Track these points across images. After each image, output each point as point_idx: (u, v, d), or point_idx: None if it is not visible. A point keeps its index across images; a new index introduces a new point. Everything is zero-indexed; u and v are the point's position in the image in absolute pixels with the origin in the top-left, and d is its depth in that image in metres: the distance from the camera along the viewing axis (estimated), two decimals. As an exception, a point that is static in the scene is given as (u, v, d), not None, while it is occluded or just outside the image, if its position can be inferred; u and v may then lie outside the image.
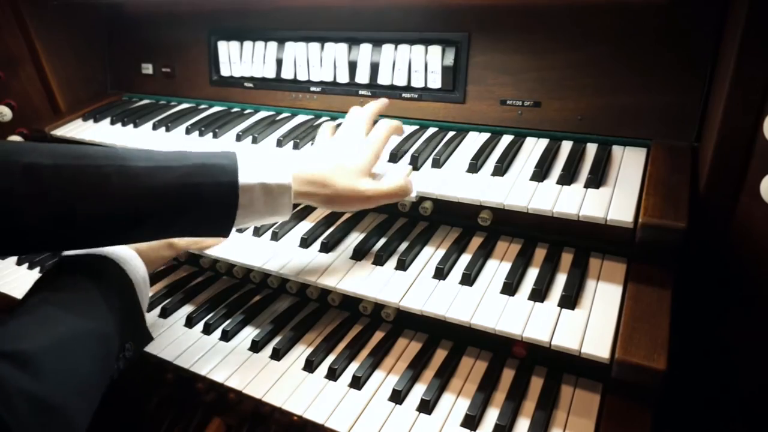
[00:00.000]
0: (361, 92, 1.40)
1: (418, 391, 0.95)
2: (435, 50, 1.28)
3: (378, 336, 1.09)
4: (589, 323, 0.89)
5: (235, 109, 1.60)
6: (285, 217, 0.93)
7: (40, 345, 0.70)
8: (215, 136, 1.44)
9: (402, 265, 1.06)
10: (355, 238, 1.16)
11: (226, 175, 0.85)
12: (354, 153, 1.02)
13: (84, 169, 0.80)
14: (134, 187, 0.81)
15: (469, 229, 1.15)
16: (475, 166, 1.13)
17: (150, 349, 1.07)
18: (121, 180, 0.80)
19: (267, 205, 0.88)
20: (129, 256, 0.96)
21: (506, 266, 1.03)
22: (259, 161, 0.89)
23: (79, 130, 1.59)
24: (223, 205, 0.85)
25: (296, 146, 1.32)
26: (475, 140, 1.25)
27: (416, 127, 1.35)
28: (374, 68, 1.36)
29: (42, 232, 0.80)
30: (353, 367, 1.01)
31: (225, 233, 0.89)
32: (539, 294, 0.95)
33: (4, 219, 0.76)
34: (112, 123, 1.60)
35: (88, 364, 0.76)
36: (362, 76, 1.38)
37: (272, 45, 1.50)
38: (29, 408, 0.64)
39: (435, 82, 1.30)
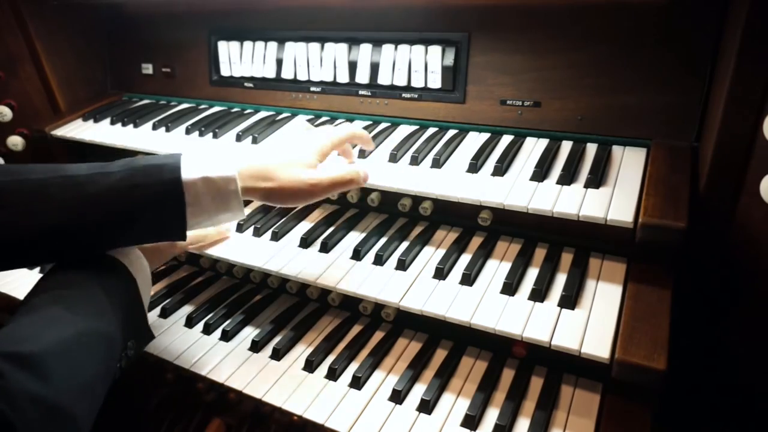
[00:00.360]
0: (361, 92, 1.40)
1: (418, 391, 0.95)
2: (435, 50, 1.28)
3: (378, 336, 1.09)
4: (589, 323, 0.89)
5: (235, 109, 1.60)
6: (239, 213, 0.91)
7: (44, 346, 0.70)
8: (215, 136, 1.44)
9: (402, 265, 1.06)
10: (355, 238, 1.16)
11: (169, 173, 0.84)
12: (300, 148, 0.99)
13: (21, 184, 0.80)
14: (76, 195, 0.81)
15: (469, 229, 1.15)
16: (475, 166, 1.13)
17: (150, 349, 1.07)
18: (61, 190, 0.81)
19: (215, 201, 0.87)
20: (133, 253, 0.95)
21: (506, 266, 1.03)
22: (203, 158, 0.88)
23: (79, 130, 1.59)
24: (170, 204, 0.85)
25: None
26: (475, 140, 1.25)
27: (416, 127, 1.35)
28: (374, 68, 1.36)
29: None
30: (353, 367, 1.01)
31: (180, 235, 0.88)
32: (539, 294, 0.95)
33: None
34: (112, 123, 1.59)
35: (92, 364, 0.76)
36: (362, 76, 1.38)
37: (272, 45, 1.50)
38: (35, 409, 0.64)
39: (435, 82, 1.30)
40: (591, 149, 1.15)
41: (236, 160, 0.91)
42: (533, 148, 1.19)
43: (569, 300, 0.93)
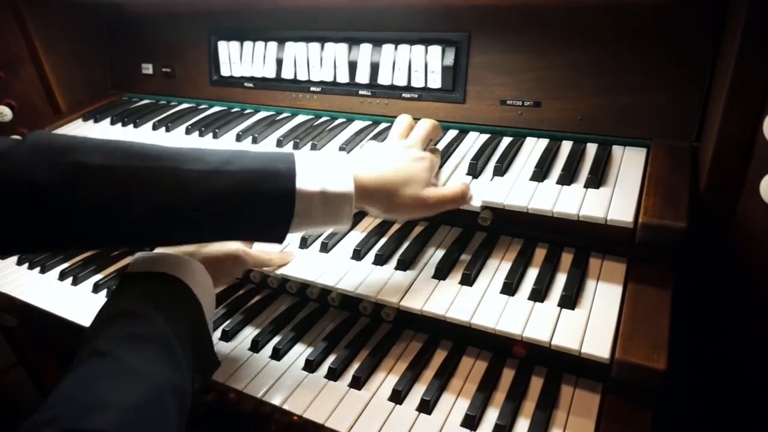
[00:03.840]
0: (361, 92, 1.40)
1: (418, 391, 0.95)
2: (435, 50, 1.28)
3: (378, 336, 1.09)
4: (589, 323, 0.89)
5: (235, 109, 1.60)
6: (345, 227, 0.87)
7: (116, 419, 0.60)
8: (215, 136, 1.44)
9: (402, 265, 1.06)
10: (354, 239, 1.16)
11: (284, 182, 0.79)
12: (420, 163, 0.96)
13: (134, 171, 0.75)
14: (185, 193, 0.76)
15: (469, 229, 1.15)
16: (475, 167, 1.13)
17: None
18: (172, 185, 0.76)
19: (326, 214, 0.82)
20: (199, 273, 0.89)
21: (506, 266, 1.03)
22: (320, 165, 0.83)
23: (79, 130, 1.59)
24: (278, 213, 0.80)
25: (296, 146, 1.32)
26: (475, 140, 1.25)
27: (416, 127, 1.35)
28: (374, 68, 1.36)
29: (87, 233, 0.77)
30: (353, 367, 1.01)
31: (279, 240, 0.83)
32: (539, 294, 0.95)
33: (51, 219, 0.74)
34: (113, 123, 1.60)
35: (165, 427, 0.67)
36: (362, 76, 1.38)
37: (272, 45, 1.50)
38: None
39: (435, 82, 1.30)
40: (591, 149, 1.15)
41: (352, 166, 0.86)
42: (533, 148, 1.19)
43: (569, 300, 0.93)
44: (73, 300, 1.24)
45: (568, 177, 1.05)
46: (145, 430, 0.63)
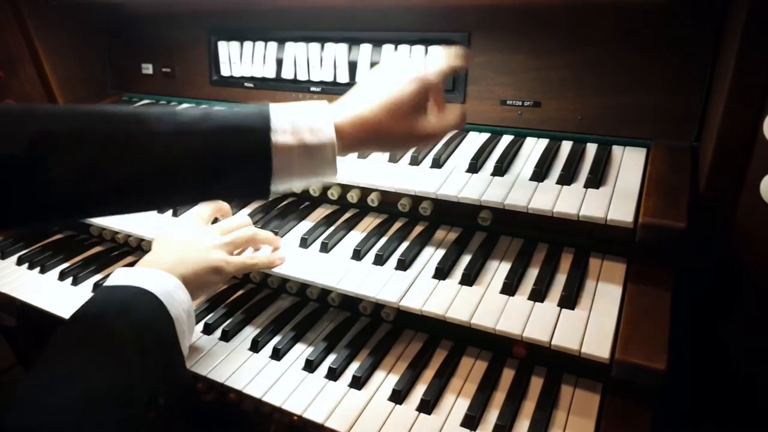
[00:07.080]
0: (361, 92, 1.40)
1: (418, 391, 0.95)
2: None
3: (378, 336, 1.09)
4: (589, 323, 0.89)
5: (235, 109, 1.60)
6: (332, 177, 0.82)
7: (48, 418, 0.64)
8: (215, 136, 1.43)
9: (402, 265, 1.06)
10: (355, 238, 1.16)
11: (258, 139, 0.75)
12: (407, 87, 0.86)
13: (99, 136, 0.72)
14: (155, 154, 0.73)
15: (469, 229, 1.15)
16: (475, 166, 1.13)
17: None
18: (140, 147, 0.73)
19: (309, 167, 0.79)
20: (172, 288, 0.90)
21: (506, 266, 1.03)
22: (297, 117, 0.78)
23: (79, 130, 1.59)
24: (256, 170, 0.76)
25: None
26: (475, 140, 1.25)
27: (416, 127, 1.34)
28: (374, 68, 1.36)
29: (58, 204, 0.74)
30: (353, 367, 1.01)
31: (263, 197, 0.80)
32: (539, 294, 0.95)
33: (13, 193, 0.70)
34: (112, 123, 1.59)
35: (103, 428, 0.70)
36: (363, 76, 1.38)
37: (272, 45, 1.50)
38: None
39: (435, 82, 1.30)
40: (591, 149, 1.15)
41: (333, 113, 0.82)
42: (533, 148, 1.19)
43: (569, 300, 0.93)
44: (73, 300, 1.24)
45: (567, 177, 1.05)
46: (73, 426, 0.67)
